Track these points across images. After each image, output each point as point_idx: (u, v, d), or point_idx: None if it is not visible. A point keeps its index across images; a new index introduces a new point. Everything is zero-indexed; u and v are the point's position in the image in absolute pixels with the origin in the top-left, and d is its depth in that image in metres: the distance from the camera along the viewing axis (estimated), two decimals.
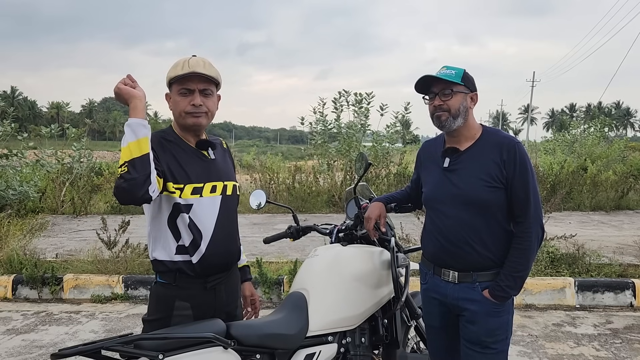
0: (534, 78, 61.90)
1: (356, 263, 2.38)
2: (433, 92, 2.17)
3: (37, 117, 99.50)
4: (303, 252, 6.15)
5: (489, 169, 2.10)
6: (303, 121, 11.94)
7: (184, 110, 2.05)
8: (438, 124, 2.17)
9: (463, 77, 2.14)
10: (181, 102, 2.05)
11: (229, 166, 2.27)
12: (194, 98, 2.05)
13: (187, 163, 2.06)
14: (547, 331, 4.39)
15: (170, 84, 2.09)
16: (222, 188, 2.14)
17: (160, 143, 2.02)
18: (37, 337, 4.34)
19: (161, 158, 1.98)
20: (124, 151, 1.81)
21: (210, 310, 2.08)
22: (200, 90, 2.06)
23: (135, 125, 1.82)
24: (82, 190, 10.69)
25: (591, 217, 9.46)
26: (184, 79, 2.02)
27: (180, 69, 2.03)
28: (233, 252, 2.20)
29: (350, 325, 2.28)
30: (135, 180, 1.78)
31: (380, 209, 2.46)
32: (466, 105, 2.15)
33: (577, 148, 16.62)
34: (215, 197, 2.10)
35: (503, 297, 2.11)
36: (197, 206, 2.04)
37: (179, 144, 2.09)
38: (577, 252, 5.59)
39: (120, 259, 5.62)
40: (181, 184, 2.01)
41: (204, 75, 2.04)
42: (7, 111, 10.58)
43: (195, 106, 2.04)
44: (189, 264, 2.03)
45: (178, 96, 2.06)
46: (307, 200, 10.21)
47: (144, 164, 1.80)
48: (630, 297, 5.05)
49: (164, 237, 2.04)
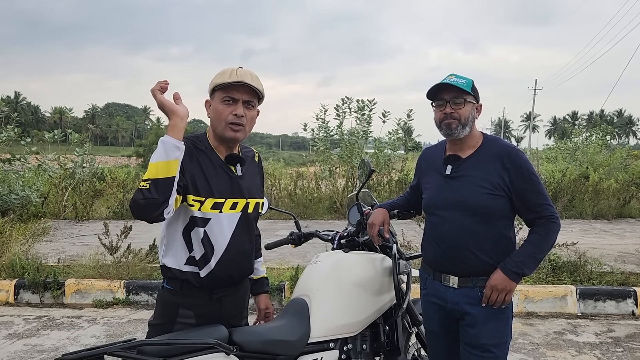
0: (536, 86, 61.99)
1: (358, 270, 2.38)
2: (443, 99, 2.17)
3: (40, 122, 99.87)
4: (305, 258, 6.15)
5: (490, 176, 2.13)
6: (305, 127, 11.97)
7: (225, 120, 2.01)
8: (448, 131, 2.18)
9: (472, 88, 2.18)
10: (224, 111, 2.01)
11: (255, 182, 2.22)
12: (237, 108, 2.01)
13: (213, 176, 2.02)
14: (549, 339, 4.38)
15: (214, 91, 2.05)
16: (244, 206, 2.10)
17: (190, 151, 1.98)
18: (39, 341, 4.34)
19: (187, 168, 1.95)
20: (152, 167, 1.78)
21: (214, 321, 2.06)
22: (244, 102, 2.03)
23: (169, 145, 1.79)
24: (85, 195, 10.71)
25: (593, 225, 9.45)
26: (230, 87, 2.00)
27: (228, 76, 2.00)
28: (243, 269, 2.17)
29: (351, 332, 2.29)
30: (153, 201, 1.77)
31: (383, 215, 2.47)
32: (474, 115, 2.19)
33: (579, 156, 16.64)
34: (234, 215, 2.07)
35: (516, 273, 2.10)
36: (215, 221, 2.02)
37: (209, 154, 2.06)
38: (579, 260, 5.59)
39: (122, 264, 5.62)
40: (202, 197, 1.98)
41: (250, 86, 2.01)
42: (10, 116, 10.62)
43: (238, 116, 2.01)
44: (196, 276, 2.02)
45: (221, 104, 2.02)
46: (308, 207, 10.21)
47: (166, 187, 1.78)
48: (632, 306, 5.04)
49: (176, 246, 2.03)
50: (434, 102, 2.23)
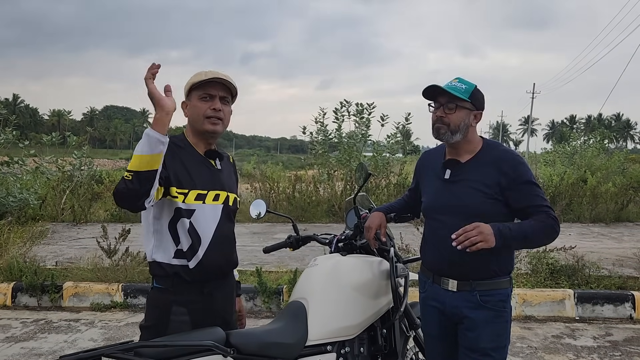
0: (534, 89, 62.25)
1: (355, 273, 2.38)
2: (439, 102, 2.20)
3: (39, 125, 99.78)
4: (302, 261, 6.14)
5: (489, 181, 2.13)
6: (304, 131, 11.97)
7: (204, 114, 2.11)
8: (436, 135, 2.21)
9: (471, 94, 2.16)
10: (202, 107, 2.12)
11: (232, 180, 2.33)
12: (214, 103, 2.12)
13: (194, 170, 2.11)
14: (547, 343, 4.38)
15: (190, 92, 2.15)
16: (225, 198, 2.19)
17: (171, 149, 2.02)
18: (36, 345, 4.33)
19: (169, 164, 2.02)
20: (135, 159, 1.81)
21: (207, 316, 2.09)
22: (221, 97, 2.14)
23: (153, 140, 1.81)
24: (83, 198, 10.70)
25: (591, 229, 9.46)
26: (206, 84, 2.11)
27: (204, 75, 2.12)
28: (230, 260, 2.24)
29: (349, 335, 2.29)
30: (135, 192, 1.83)
31: (380, 218, 2.47)
32: (468, 122, 2.17)
33: (577, 160, 16.66)
34: (217, 206, 2.15)
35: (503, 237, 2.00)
36: (199, 212, 2.09)
37: (189, 150, 2.16)
38: (577, 263, 5.59)
39: (120, 267, 5.62)
40: (186, 189, 2.06)
41: (225, 83, 2.13)
42: (9, 119, 10.61)
43: (216, 110, 2.12)
44: (186, 268, 2.06)
45: (199, 102, 2.13)
46: (307, 210, 10.22)
47: (149, 179, 1.83)
48: (629, 310, 5.05)
49: (164, 240, 2.08)
50: (431, 103, 2.24)
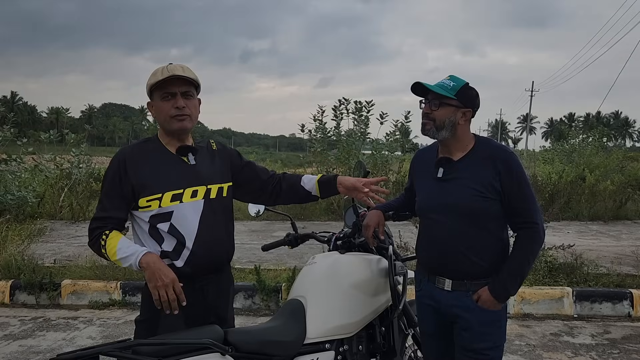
0: (532, 88, 62.21)
1: (354, 271, 2.38)
2: (427, 99, 2.20)
3: (37, 123, 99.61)
4: (301, 259, 6.14)
5: (482, 179, 2.12)
6: (303, 129, 11.94)
7: (168, 114, 2.08)
8: (422, 130, 2.22)
9: (458, 92, 2.13)
10: (165, 107, 2.09)
11: (215, 168, 2.23)
12: (176, 101, 2.08)
13: (166, 171, 2.10)
14: (545, 341, 4.39)
15: (152, 92, 2.12)
16: (205, 192, 2.14)
17: (139, 157, 2.10)
18: (35, 342, 4.33)
19: (140, 171, 2.06)
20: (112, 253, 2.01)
21: (199, 310, 2.09)
22: (182, 93, 2.09)
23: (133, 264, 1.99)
24: (81, 196, 10.68)
25: (589, 227, 9.47)
26: (164, 83, 2.06)
27: (160, 74, 2.07)
28: (221, 254, 2.20)
29: (347, 333, 2.29)
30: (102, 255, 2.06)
31: (378, 216, 2.47)
32: (454, 120, 2.15)
33: (575, 158, 16.69)
34: (197, 202, 2.11)
35: (504, 295, 2.13)
36: (178, 212, 2.07)
37: (161, 151, 2.14)
38: (575, 261, 5.60)
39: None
40: (159, 193, 2.05)
41: (183, 78, 2.07)
42: (7, 116, 10.59)
43: (179, 108, 2.08)
44: (172, 267, 2.04)
45: (161, 102, 2.09)
46: (305, 208, 10.20)
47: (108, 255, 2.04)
48: (628, 307, 5.05)
49: (149, 244, 2.08)
50: (422, 101, 2.25)
